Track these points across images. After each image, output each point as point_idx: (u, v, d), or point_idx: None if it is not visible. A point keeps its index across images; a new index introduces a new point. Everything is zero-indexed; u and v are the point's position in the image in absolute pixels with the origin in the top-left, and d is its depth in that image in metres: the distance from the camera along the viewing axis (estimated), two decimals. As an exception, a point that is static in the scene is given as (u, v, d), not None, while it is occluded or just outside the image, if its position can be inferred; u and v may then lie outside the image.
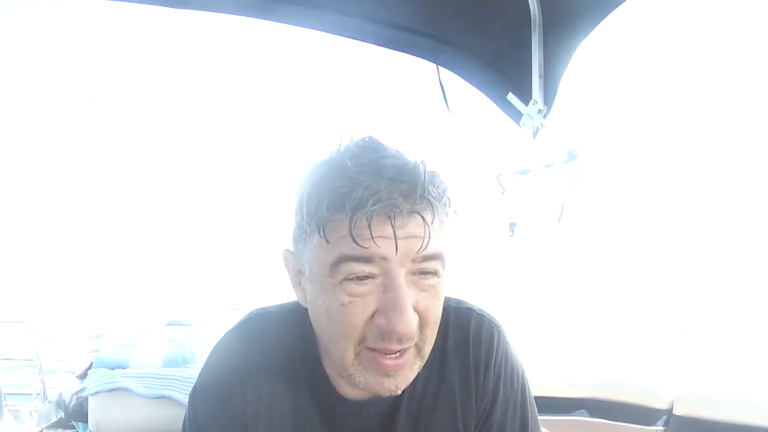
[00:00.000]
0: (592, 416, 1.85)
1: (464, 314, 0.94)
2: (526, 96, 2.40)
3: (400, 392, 0.80)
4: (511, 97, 2.45)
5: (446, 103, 2.50)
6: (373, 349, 0.76)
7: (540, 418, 1.93)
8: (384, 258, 0.72)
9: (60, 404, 3.21)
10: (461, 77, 2.60)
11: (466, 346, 0.91)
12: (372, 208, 0.70)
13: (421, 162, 0.75)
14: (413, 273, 0.75)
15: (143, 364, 2.30)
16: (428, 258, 0.74)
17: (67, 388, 3.23)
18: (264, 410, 0.89)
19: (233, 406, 0.89)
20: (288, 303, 0.97)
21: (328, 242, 0.74)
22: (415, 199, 0.72)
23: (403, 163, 0.75)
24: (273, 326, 0.94)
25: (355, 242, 0.72)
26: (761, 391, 1.59)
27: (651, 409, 1.75)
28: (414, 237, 0.72)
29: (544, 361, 2.03)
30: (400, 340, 0.74)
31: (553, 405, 1.90)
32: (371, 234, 0.71)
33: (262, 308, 0.98)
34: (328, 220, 0.73)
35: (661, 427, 1.72)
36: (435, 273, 0.76)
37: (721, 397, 1.63)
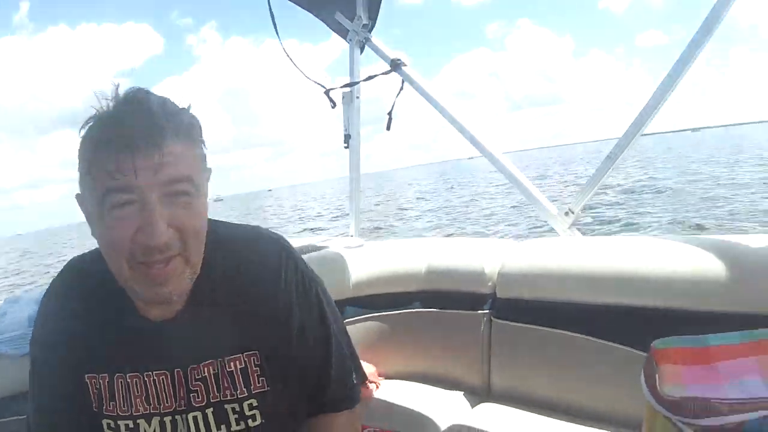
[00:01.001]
0: (425, 307, 1.94)
1: (253, 235, 1.08)
2: (352, 13, 2.51)
3: (175, 299, 0.94)
4: (339, 16, 2.54)
5: (275, 27, 2.53)
6: (143, 263, 0.88)
7: (376, 314, 2.12)
8: (138, 186, 0.84)
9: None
10: (293, 1, 2.64)
11: (254, 262, 1.03)
12: (120, 146, 0.83)
13: (164, 102, 0.89)
14: (167, 195, 0.87)
15: (12, 329, 2.29)
16: (176, 181, 0.87)
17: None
18: (85, 343, 1.00)
19: (61, 344, 1.00)
20: None
21: (94, 179, 0.87)
22: (156, 134, 0.85)
23: (147, 106, 0.87)
24: (88, 267, 1.03)
25: (111, 176, 0.84)
26: (575, 264, 1.67)
27: (478, 294, 1.82)
28: (159, 165, 0.85)
29: (375, 260, 2.13)
30: (160, 251, 0.87)
31: (388, 301, 2.03)
32: (121, 167, 0.84)
33: (81, 254, 1.08)
34: (92, 160, 0.87)
35: (487, 311, 1.83)
36: (186, 193, 0.88)
37: (540, 277, 1.71)
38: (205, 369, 1.00)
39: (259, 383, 1.02)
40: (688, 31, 1.79)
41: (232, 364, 1.01)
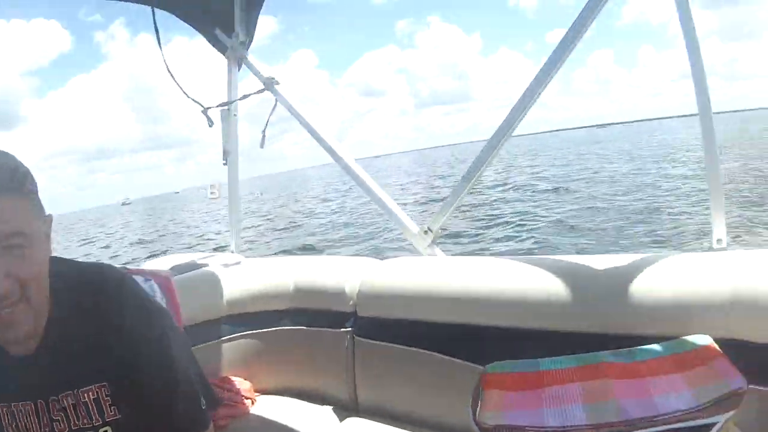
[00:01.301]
0: (294, 325, 2.01)
1: (95, 271, 1.17)
2: (230, 29, 2.52)
3: (23, 340, 1.03)
4: (218, 32, 2.55)
5: (159, 43, 2.50)
6: None
7: (251, 331, 2.15)
8: None
9: None
10: (177, 16, 2.61)
11: (96, 299, 1.10)
12: None
13: None
14: (4, 249, 0.94)
15: None
16: (8, 236, 0.94)
17: None
18: None
19: None
20: None
21: None
22: None
23: None
24: None
25: None
26: (430, 284, 1.73)
27: (341, 313, 1.89)
28: None
29: (250, 277, 2.18)
30: (1, 300, 0.95)
31: (261, 319, 2.06)
32: None
33: None
34: None
35: (350, 329, 1.85)
36: (20, 246, 0.96)
37: (396, 297, 1.77)
38: (64, 400, 1.09)
39: (111, 412, 1.11)
40: (597, 25, 1.68)
41: (86, 395, 1.10)
